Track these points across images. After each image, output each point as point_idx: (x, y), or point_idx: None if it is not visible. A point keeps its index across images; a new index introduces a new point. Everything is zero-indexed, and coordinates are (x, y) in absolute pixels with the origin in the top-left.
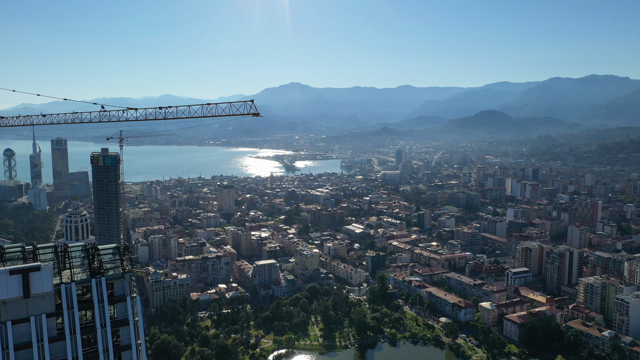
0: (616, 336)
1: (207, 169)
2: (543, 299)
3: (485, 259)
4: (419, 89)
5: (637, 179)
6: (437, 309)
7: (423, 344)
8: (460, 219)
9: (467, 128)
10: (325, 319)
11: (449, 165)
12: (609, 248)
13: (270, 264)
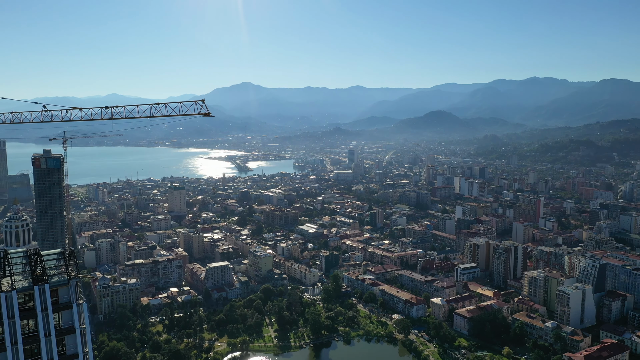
0: (558, 326)
1: (157, 171)
2: (490, 293)
3: (435, 256)
4: (370, 90)
5: (576, 176)
6: (390, 306)
7: (377, 341)
8: (411, 217)
9: (417, 128)
10: (280, 319)
11: (400, 165)
12: (551, 242)
13: (223, 266)
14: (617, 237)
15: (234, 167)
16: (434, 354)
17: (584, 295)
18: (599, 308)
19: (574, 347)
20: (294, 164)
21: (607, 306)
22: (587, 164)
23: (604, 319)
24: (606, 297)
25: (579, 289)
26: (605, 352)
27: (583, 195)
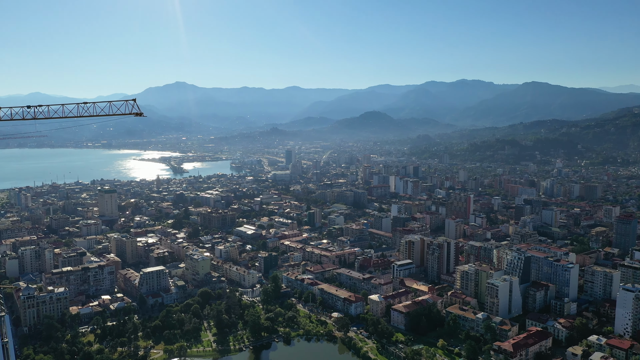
0: (488, 317)
1: (86, 173)
2: (425, 288)
3: (373, 254)
4: (307, 90)
5: (502, 174)
6: (329, 304)
7: (317, 340)
8: (348, 216)
9: (353, 128)
10: (219, 323)
11: (337, 165)
12: (480, 237)
13: (159, 270)
14: (540, 231)
15: (168, 169)
16: (372, 350)
17: (511, 287)
18: (524, 298)
19: (502, 336)
20: (231, 164)
21: (532, 296)
22: (512, 162)
23: (529, 308)
24: (531, 288)
25: (507, 281)
26: (530, 340)
27: (509, 192)
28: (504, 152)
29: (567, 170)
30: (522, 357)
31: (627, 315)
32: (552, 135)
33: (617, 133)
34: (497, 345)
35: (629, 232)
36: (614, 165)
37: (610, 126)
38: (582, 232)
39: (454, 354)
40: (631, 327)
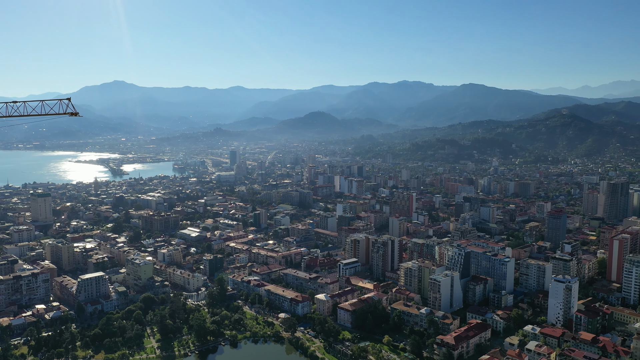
0: (431, 312)
1: (17, 176)
2: (371, 286)
3: (319, 253)
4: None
5: (443, 172)
6: (276, 305)
7: (264, 341)
8: (294, 216)
9: (297, 128)
10: (163, 328)
11: (282, 165)
12: (423, 235)
13: (98, 277)
14: (479, 227)
15: (107, 171)
16: (319, 349)
17: (452, 282)
18: (465, 292)
19: (445, 330)
20: (173, 166)
21: (472, 290)
22: (452, 161)
23: (469, 301)
24: (471, 282)
25: (448, 276)
26: (471, 332)
27: (449, 190)
28: (444, 151)
29: (503, 168)
30: (463, 349)
31: (559, 305)
32: (489, 135)
33: (547, 133)
34: (439, 338)
35: (559, 227)
36: (545, 163)
37: (541, 126)
38: (517, 227)
39: (399, 349)
40: (562, 316)
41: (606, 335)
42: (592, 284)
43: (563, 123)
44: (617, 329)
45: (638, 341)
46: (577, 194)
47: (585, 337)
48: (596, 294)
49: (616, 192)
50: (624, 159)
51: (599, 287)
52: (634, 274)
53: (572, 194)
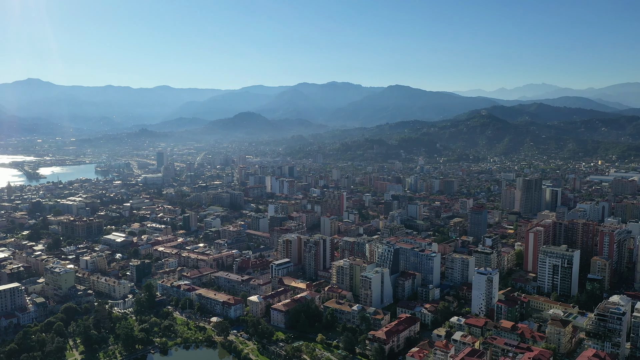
0: (363, 308)
1: None
2: (304, 285)
3: (251, 255)
4: (178, 90)
5: (372, 172)
6: (208, 309)
7: (196, 347)
8: (225, 218)
9: (227, 129)
10: (86, 339)
11: (211, 166)
12: (354, 233)
13: (13, 288)
14: (407, 224)
15: (21, 175)
16: (253, 351)
17: (383, 278)
18: (395, 288)
19: (376, 325)
20: (96, 168)
21: (401, 285)
22: (381, 160)
23: (399, 296)
24: (400, 278)
25: (378, 273)
26: (401, 326)
27: (378, 189)
28: (373, 151)
29: (428, 167)
30: (394, 343)
31: (481, 296)
32: (415, 135)
33: (468, 132)
34: (371, 334)
35: (480, 222)
36: (467, 161)
37: (463, 126)
38: (442, 223)
39: (333, 346)
40: (485, 306)
41: (524, 322)
42: (510, 274)
43: (482, 123)
44: (533, 316)
45: (552, 326)
46: (496, 191)
47: (505, 325)
48: (514, 284)
49: (530, 188)
50: (537, 157)
51: (517, 277)
52: (548, 264)
53: (492, 191)
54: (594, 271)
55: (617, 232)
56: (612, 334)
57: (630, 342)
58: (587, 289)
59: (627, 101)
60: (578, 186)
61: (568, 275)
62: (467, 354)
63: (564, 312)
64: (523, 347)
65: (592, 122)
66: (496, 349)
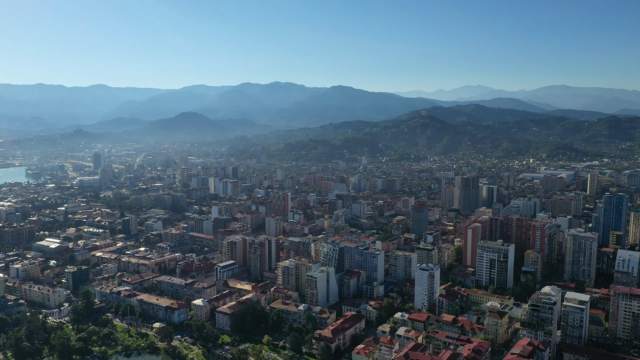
0: (309, 308)
1: None
2: (249, 287)
3: (195, 258)
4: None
5: (316, 172)
6: (150, 315)
7: (137, 354)
8: (167, 220)
9: (168, 130)
10: (18, 352)
11: (152, 168)
12: (299, 233)
13: None
14: (351, 223)
15: None
16: (198, 356)
17: (328, 277)
18: (340, 286)
19: (322, 324)
20: (26, 171)
21: (347, 283)
22: (325, 160)
23: (344, 295)
24: (345, 276)
25: (324, 272)
26: (347, 324)
27: (323, 188)
28: (317, 151)
29: (371, 166)
30: (340, 341)
31: (424, 291)
32: (358, 135)
33: (409, 132)
34: (317, 333)
35: (422, 219)
36: (409, 160)
37: (404, 126)
38: (385, 221)
39: (279, 347)
40: (427, 301)
41: (464, 315)
42: (451, 269)
43: (423, 123)
44: (473, 309)
45: (490, 318)
46: (436, 189)
47: (446, 319)
48: (455, 279)
49: (468, 186)
50: (474, 156)
51: (457, 272)
52: (485, 259)
53: (432, 189)
54: (528, 264)
55: (547, 227)
56: (544, 323)
57: (560, 330)
58: (521, 281)
59: (555, 102)
60: (512, 183)
61: (504, 269)
62: (410, 348)
63: (500, 304)
64: (463, 339)
65: (524, 123)
66: (438, 342)
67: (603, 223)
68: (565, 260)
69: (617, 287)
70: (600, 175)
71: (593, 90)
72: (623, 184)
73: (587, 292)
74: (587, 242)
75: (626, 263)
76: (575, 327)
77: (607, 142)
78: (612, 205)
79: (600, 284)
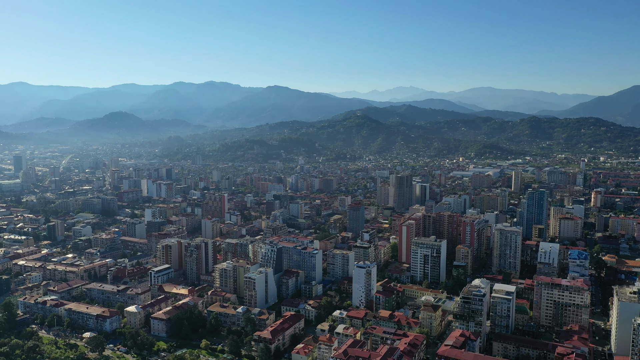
0: (248, 310)
1: None
2: (185, 291)
3: (127, 263)
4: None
5: (253, 172)
6: (80, 325)
7: None
8: (97, 225)
9: (97, 130)
10: None
11: (80, 170)
12: (236, 234)
13: None
14: (289, 223)
15: None
16: None
17: (267, 278)
18: (279, 286)
19: (262, 325)
20: None
21: (285, 284)
22: (262, 160)
23: (283, 295)
24: (284, 276)
25: (262, 273)
26: (286, 324)
27: (260, 189)
28: (254, 151)
29: (308, 166)
30: (279, 341)
31: (361, 288)
32: (294, 135)
33: (345, 132)
34: (257, 335)
35: (358, 218)
36: (345, 160)
37: (340, 127)
38: (323, 220)
39: (218, 351)
40: (365, 298)
41: (400, 310)
42: (387, 266)
43: (358, 124)
44: (408, 304)
45: (425, 312)
46: (372, 187)
47: (383, 315)
48: (391, 275)
49: (402, 184)
50: (407, 155)
51: (393, 268)
52: (419, 255)
53: (368, 188)
54: (459, 258)
55: (476, 222)
56: (475, 314)
57: (490, 320)
58: (453, 275)
59: (482, 104)
60: (443, 181)
61: (437, 264)
62: (349, 345)
63: (434, 298)
64: (400, 333)
65: (453, 123)
66: (376, 337)
67: (526, 217)
68: (493, 253)
69: (540, 277)
70: (523, 172)
71: (516, 92)
72: (544, 181)
73: (513, 283)
74: (512, 236)
75: (547, 255)
76: (503, 316)
77: (529, 141)
78: (534, 200)
79: (525, 275)
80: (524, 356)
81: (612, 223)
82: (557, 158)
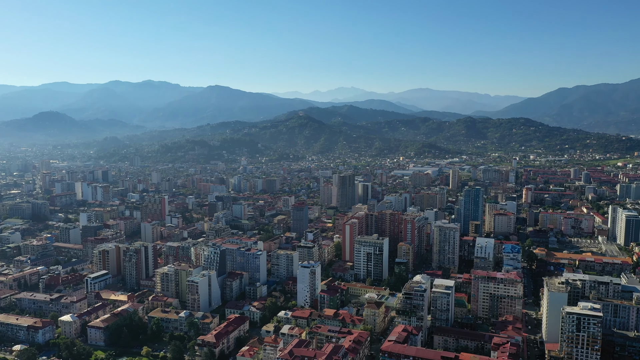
0: (191, 314)
1: None
2: (125, 297)
3: (61, 270)
4: None
5: (194, 173)
6: (9, 337)
7: None
8: (27, 231)
9: (25, 131)
10: None
11: (7, 173)
12: (178, 237)
13: None
14: (232, 224)
15: None
16: None
17: (210, 281)
18: (223, 289)
19: (205, 329)
20: None
21: (229, 286)
22: (203, 161)
23: (227, 297)
24: (228, 279)
25: (205, 276)
26: (230, 327)
27: (202, 190)
28: (195, 152)
29: (251, 166)
30: (224, 345)
31: (306, 288)
32: (237, 135)
33: (288, 133)
34: (200, 339)
35: (302, 218)
36: (288, 160)
37: (282, 127)
38: (267, 221)
39: (160, 358)
40: (309, 297)
41: (344, 308)
42: (331, 265)
43: (300, 124)
44: (352, 302)
45: (368, 309)
46: (315, 187)
47: (328, 314)
48: (335, 274)
49: (345, 183)
50: (349, 155)
51: (337, 267)
52: (362, 253)
53: (312, 187)
54: (401, 255)
55: (417, 220)
56: (416, 310)
57: (431, 315)
58: (395, 272)
59: (420, 104)
60: (385, 180)
61: (380, 261)
62: (294, 345)
63: (377, 295)
64: (344, 331)
65: (393, 123)
66: (321, 336)
67: (463, 214)
68: (433, 249)
69: (477, 271)
70: (460, 171)
71: (452, 94)
72: (479, 179)
73: (452, 278)
74: (450, 233)
75: (483, 249)
76: (443, 310)
77: (465, 140)
78: (470, 197)
79: (463, 269)
80: (463, 347)
81: (541, 218)
82: (491, 157)
